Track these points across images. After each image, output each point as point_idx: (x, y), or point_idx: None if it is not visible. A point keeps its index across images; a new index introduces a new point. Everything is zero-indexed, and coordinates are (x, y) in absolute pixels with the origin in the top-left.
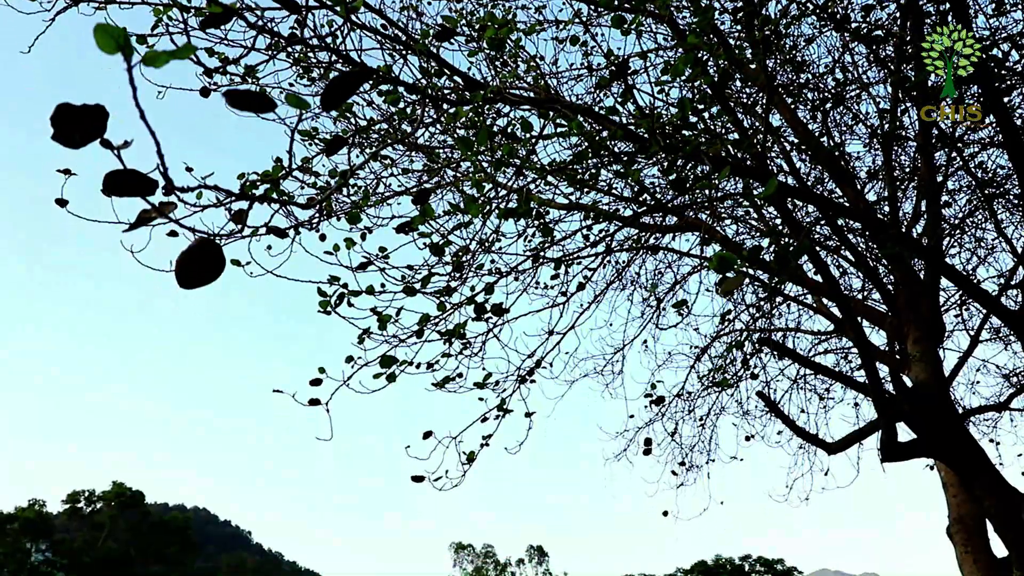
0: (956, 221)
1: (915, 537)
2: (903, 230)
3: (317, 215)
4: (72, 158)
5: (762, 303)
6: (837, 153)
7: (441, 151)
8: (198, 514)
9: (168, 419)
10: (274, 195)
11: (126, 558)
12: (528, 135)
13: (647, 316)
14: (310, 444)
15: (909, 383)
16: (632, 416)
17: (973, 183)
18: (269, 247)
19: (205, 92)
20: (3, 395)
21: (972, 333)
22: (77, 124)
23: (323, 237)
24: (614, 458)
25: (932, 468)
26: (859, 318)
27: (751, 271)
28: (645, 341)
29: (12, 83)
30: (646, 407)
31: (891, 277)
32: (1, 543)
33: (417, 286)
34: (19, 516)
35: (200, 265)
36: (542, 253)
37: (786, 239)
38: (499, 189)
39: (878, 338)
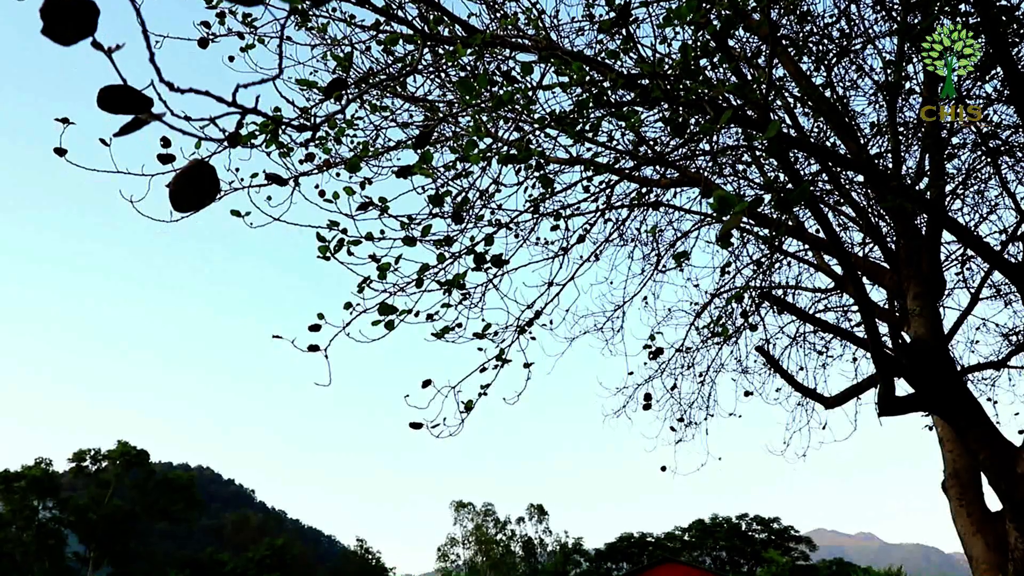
0: (960, 177)
1: (909, 500)
2: (906, 183)
3: (315, 169)
4: (68, 108)
5: (762, 259)
6: (840, 107)
7: (440, 104)
8: (202, 473)
9: (172, 379)
10: (273, 145)
11: (132, 515)
12: (528, 78)
13: (647, 272)
14: (312, 405)
15: (908, 340)
16: (631, 373)
17: (977, 138)
18: (269, 198)
19: (203, 43)
20: (9, 356)
21: (972, 290)
22: (68, 20)
23: (322, 193)
24: (613, 415)
25: (930, 429)
26: (859, 273)
27: (752, 227)
28: (645, 298)
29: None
30: (645, 363)
31: (892, 234)
32: (9, 501)
33: (417, 234)
34: (26, 474)
35: (195, 187)
36: (542, 204)
37: (786, 192)
38: (498, 143)
39: (878, 295)
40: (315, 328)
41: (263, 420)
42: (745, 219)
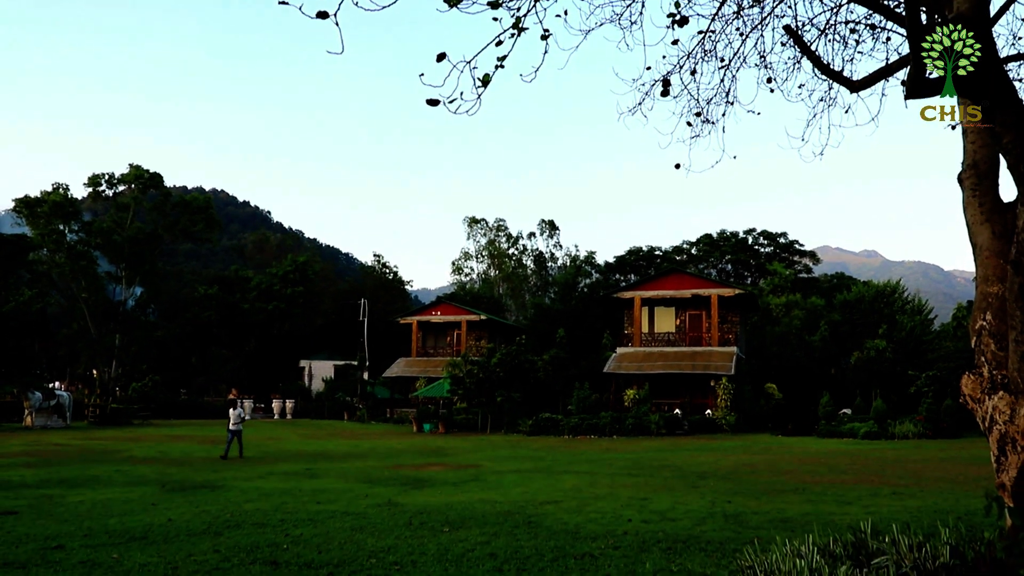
0: None
1: (913, 219)
2: None
3: None
4: None
5: None
6: None
7: None
8: (217, 196)
9: (177, 104)
10: None
11: (155, 237)
12: None
13: None
14: (321, 121)
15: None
16: (649, 68)
17: None
18: None
19: None
20: (15, 84)
21: None
22: None
23: None
24: (628, 112)
25: (953, 128)
26: None
27: None
28: None
29: None
30: (663, 57)
31: None
32: (35, 225)
33: None
34: (47, 199)
35: None
36: None
37: None
38: None
39: None
40: None
41: (273, 140)
42: None
